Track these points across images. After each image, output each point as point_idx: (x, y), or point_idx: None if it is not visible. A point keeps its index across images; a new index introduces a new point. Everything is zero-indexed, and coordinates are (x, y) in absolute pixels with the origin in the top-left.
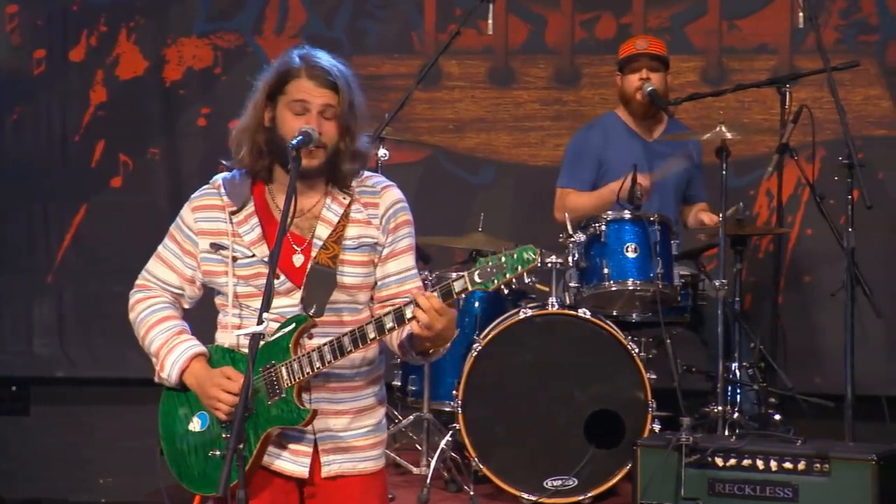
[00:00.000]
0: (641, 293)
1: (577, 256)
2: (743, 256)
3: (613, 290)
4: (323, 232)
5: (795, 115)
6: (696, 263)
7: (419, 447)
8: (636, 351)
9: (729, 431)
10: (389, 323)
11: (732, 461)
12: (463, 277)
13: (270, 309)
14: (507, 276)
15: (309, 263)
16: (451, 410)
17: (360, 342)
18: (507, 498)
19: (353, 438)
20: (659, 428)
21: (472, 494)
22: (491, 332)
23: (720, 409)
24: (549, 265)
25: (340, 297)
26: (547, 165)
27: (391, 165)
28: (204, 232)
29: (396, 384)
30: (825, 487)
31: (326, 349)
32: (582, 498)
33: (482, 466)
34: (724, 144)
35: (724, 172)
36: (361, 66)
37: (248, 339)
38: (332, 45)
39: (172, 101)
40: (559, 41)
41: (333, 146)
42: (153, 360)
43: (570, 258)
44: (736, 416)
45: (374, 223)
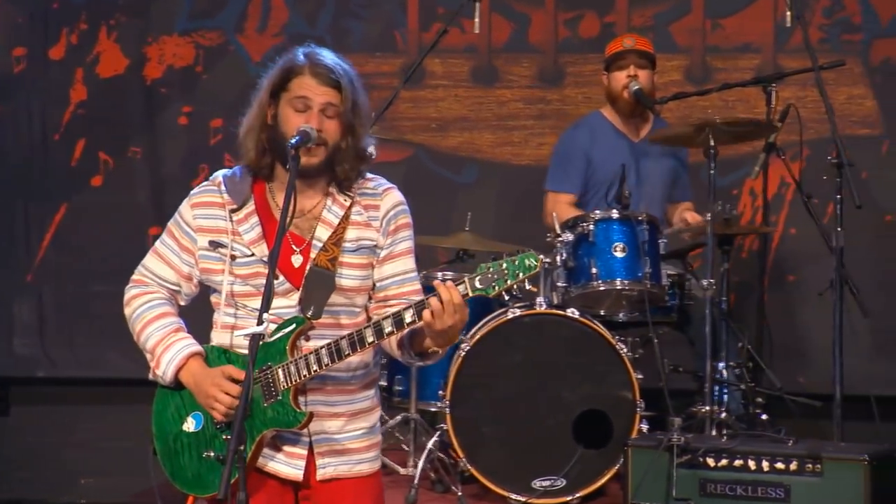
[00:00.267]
0: (629, 293)
1: (565, 256)
2: (730, 256)
3: (602, 289)
4: (323, 233)
5: (783, 114)
6: (682, 263)
7: (405, 447)
8: (624, 351)
9: (716, 431)
10: (388, 327)
11: (724, 461)
12: (464, 283)
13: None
14: (508, 282)
15: (308, 265)
16: (437, 410)
17: (357, 346)
18: (494, 498)
19: (348, 441)
20: (647, 428)
21: (459, 495)
22: (479, 331)
23: (708, 408)
24: None
25: (338, 299)
26: (531, 165)
27: (374, 164)
28: (203, 229)
29: (383, 384)
30: (817, 488)
31: (324, 352)
32: (570, 498)
33: (470, 467)
34: (713, 145)
35: (711, 172)
36: None
37: (245, 339)
38: (314, 43)
39: (153, 99)
40: (543, 40)
41: (334, 145)
42: (148, 356)
43: (558, 258)
44: (723, 416)
45: (373, 225)
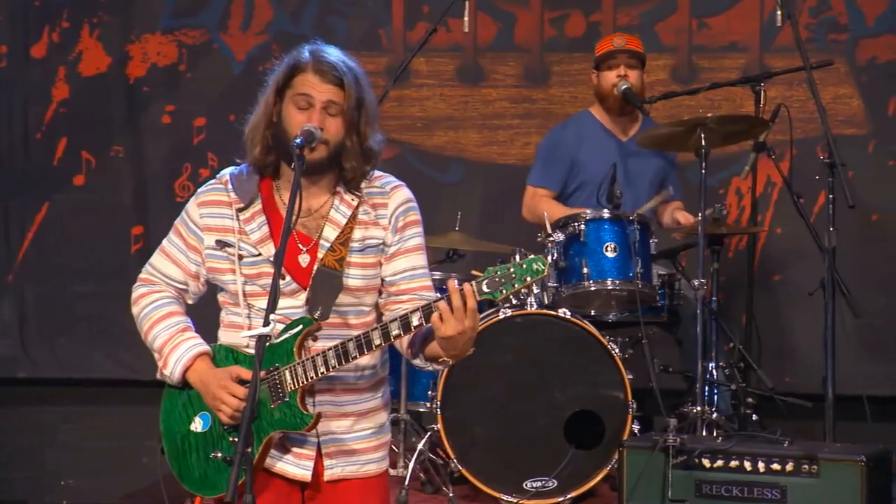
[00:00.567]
0: (620, 293)
1: (556, 256)
2: (720, 256)
3: (593, 289)
4: (330, 233)
5: (773, 114)
6: (673, 263)
7: (395, 448)
8: (616, 351)
9: (706, 431)
10: (395, 330)
11: (720, 462)
12: (471, 286)
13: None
14: (515, 286)
15: (315, 265)
16: (427, 411)
17: (365, 348)
18: (485, 499)
19: (355, 441)
20: (638, 428)
21: (450, 496)
22: None
23: (698, 409)
24: None
25: (346, 299)
26: (516, 164)
27: None
28: (210, 228)
29: None
30: (813, 488)
31: (331, 354)
32: (562, 499)
33: (461, 468)
34: (704, 146)
35: (703, 172)
36: None
37: (251, 339)
38: (298, 41)
39: (136, 98)
40: (528, 39)
41: (337, 143)
42: (156, 356)
43: (548, 258)
44: (714, 416)
45: (381, 223)
